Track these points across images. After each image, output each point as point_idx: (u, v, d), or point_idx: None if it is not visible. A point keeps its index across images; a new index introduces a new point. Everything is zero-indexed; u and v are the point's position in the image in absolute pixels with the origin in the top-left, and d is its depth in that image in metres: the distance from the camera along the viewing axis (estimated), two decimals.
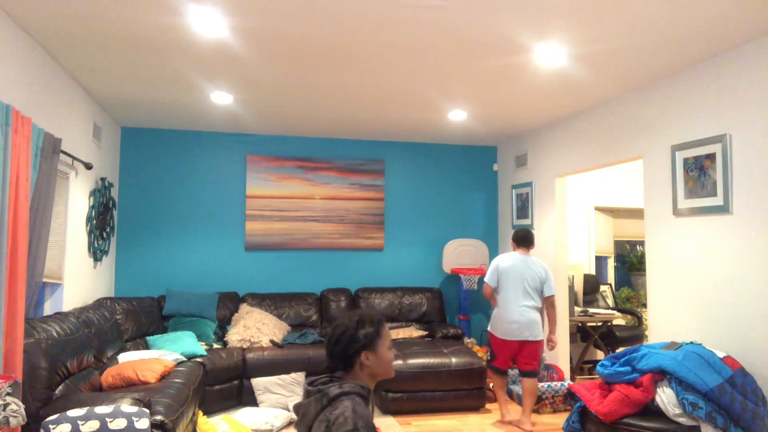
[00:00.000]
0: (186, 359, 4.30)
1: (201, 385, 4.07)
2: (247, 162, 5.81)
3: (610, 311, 5.77)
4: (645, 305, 6.36)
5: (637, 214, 6.78)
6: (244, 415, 4.25)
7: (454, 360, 4.66)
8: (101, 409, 2.62)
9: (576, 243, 6.28)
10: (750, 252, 3.14)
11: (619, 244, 6.92)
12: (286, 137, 5.98)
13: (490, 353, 4.55)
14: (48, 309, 3.91)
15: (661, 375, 3.03)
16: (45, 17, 2.95)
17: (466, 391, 4.65)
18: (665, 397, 2.97)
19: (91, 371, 3.51)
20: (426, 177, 6.34)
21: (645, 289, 6.34)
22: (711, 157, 3.39)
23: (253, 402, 4.60)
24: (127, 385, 3.51)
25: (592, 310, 5.65)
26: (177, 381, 3.62)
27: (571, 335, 5.58)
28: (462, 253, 6.10)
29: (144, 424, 2.64)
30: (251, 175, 5.81)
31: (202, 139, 5.77)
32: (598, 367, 3.33)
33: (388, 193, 6.22)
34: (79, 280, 4.33)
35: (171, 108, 4.82)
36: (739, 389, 2.88)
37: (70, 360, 3.17)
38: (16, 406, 2.25)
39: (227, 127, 5.57)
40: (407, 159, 6.30)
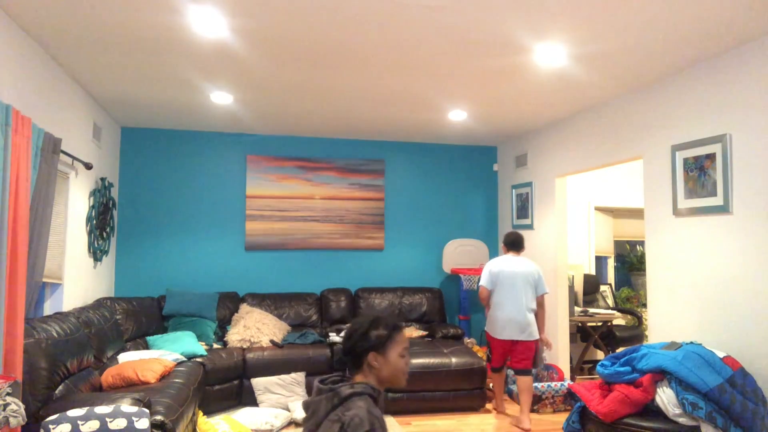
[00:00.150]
0: (186, 359, 4.30)
1: (201, 385, 4.07)
2: (247, 162, 5.81)
3: (610, 311, 5.76)
4: (645, 305, 6.36)
5: (637, 214, 6.78)
6: (244, 415, 4.25)
7: (454, 360, 4.66)
8: (101, 409, 2.62)
9: (576, 243, 6.28)
10: (750, 252, 3.14)
11: (619, 244, 6.93)
12: (286, 137, 5.98)
13: (488, 353, 4.61)
14: (48, 309, 3.91)
15: (661, 375, 3.04)
16: (45, 17, 2.95)
17: (466, 391, 4.66)
18: (665, 397, 2.97)
19: (91, 371, 3.52)
20: (426, 177, 6.34)
21: (645, 289, 6.36)
22: (711, 157, 3.39)
23: (253, 402, 4.60)
24: (127, 385, 3.52)
25: (592, 310, 5.65)
26: (177, 381, 3.62)
27: (571, 335, 5.59)
28: (462, 253, 6.10)
29: (144, 424, 2.64)
30: (251, 175, 5.82)
31: (202, 139, 5.77)
32: (598, 367, 3.33)
33: (388, 193, 6.22)
34: (79, 280, 4.33)
35: (171, 108, 4.82)
36: (739, 389, 2.88)
37: (70, 360, 3.17)
38: (16, 406, 2.25)
39: (227, 127, 5.57)
40: (407, 159, 6.30)
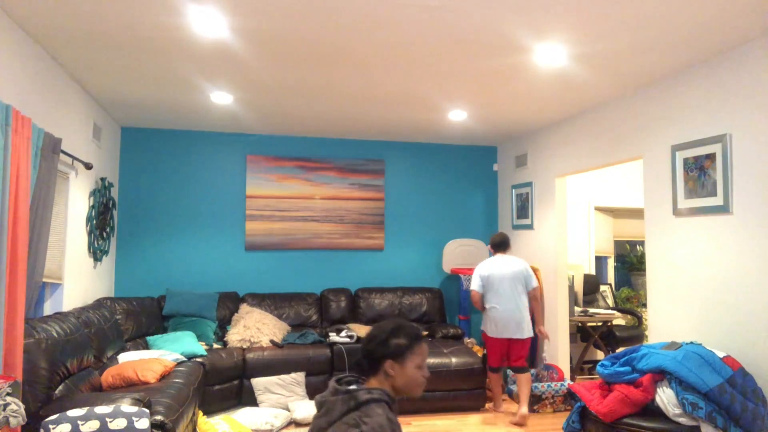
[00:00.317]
0: (186, 359, 4.30)
1: (201, 385, 4.07)
2: (247, 162, 5.81)
3: (610, 311, 5.76)
4: (645, 305, 6.36)
5: (637, 214, 6.78)
6: (244, 415, 4.25)
7: (454, 360, 4.67)
8: (101, 409, 2.62)
9: (576, 243, 6.28)
10: (750, 252, 3.14)
11: (619, 244, 6.93)
12: (286, 137, 5.98)
13: (485, 353, 4.68)
14: (48, 309, 3.91)
15: (661, 375, 3.04)
16: (45, 17, 2.95)
17: (466, 391, 4.66)
18: (665, 397, 2.97)
19: (91, 371, 3.52)
20: (426, 177, 6.34)
21: (645, 289, 6.36)
22: (711, 157, 3.39)
23: (253, 402, 4.60)
24: (127, 385, 3.52)
25: (592, 310, 5.65)
26: (177, 381, 3.62)
27: (571, 335, 5.58)
28: (462, 253, 6.10)
29: (144, 424, 2.64)
30: (251, 175, 5.82)
31: (202, 139, 5.77)
32: (598, 367, 3.33)
33: (388, 193, 6.22)
34: (79, 280, 4.33)
35: (171, 108, 4.82)
36: (739, 389, 2.88)
37: (70, 360, 3.17)
38: (16, 406, 2.25)
39: (227, 127, 5.57)
40: (407, 159, 6.30)
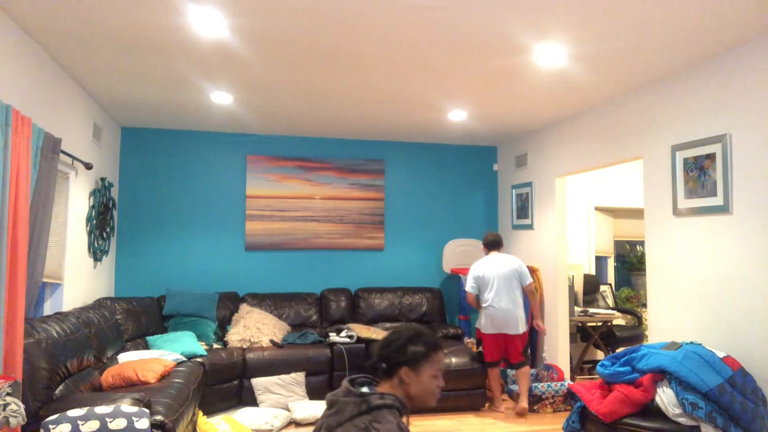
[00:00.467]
0: (186, 359, 4.30)
1: (201, 385, 4.07)
2: (247, 162, 5.81)
3: (610, 311, 5.77)
4: (645, 305, 6.36)
5: (637, 214, 6.78)
6: (244, 415, 4.25)
7: (454, 360, 4.66)
8: (101, 409, 2.62)
9: (576, 243, 6.28)
10: (750, 252, 3.14)
11: (619, 244, 6.93)
12: (286, 137, 5.98)
13: (480, 349, 4.73)
14: (48, 309, 3.91)
15: (661, 375, 3.04)
16: (45, 17, 2.95)
17: (466, 391, 4.66)
18: (665, 397, 2.97)
19: (91, 371, 3.52)
20: (426, 177, 6.34)
21: (645, 289, 6.36)
22: (711, 157, 3.39)
23: (253, 402, 4.60)
24: (127, 385, 3.51)
25: (592, 310, 5.65)
26: (177, 381, 3.62)
27: (571, 335, 5.58)
28: (462, 253, 6.10)
29: (144, 424, 2.64)
30: (251, 175, 5.82)
31: (202, 139, 5.77)
32: (598, 367, 3.33)
33: (388, 193, 6.22)
34: (79, 280, 4.33)
35: (171, 108, 4.82)
36: (739, 389, 2.88)
37: (70, 360, 3.17)
38: (16, 406, 2.25)
39: (227, 127, 5.57)
40: (407, 159, 6.30)
